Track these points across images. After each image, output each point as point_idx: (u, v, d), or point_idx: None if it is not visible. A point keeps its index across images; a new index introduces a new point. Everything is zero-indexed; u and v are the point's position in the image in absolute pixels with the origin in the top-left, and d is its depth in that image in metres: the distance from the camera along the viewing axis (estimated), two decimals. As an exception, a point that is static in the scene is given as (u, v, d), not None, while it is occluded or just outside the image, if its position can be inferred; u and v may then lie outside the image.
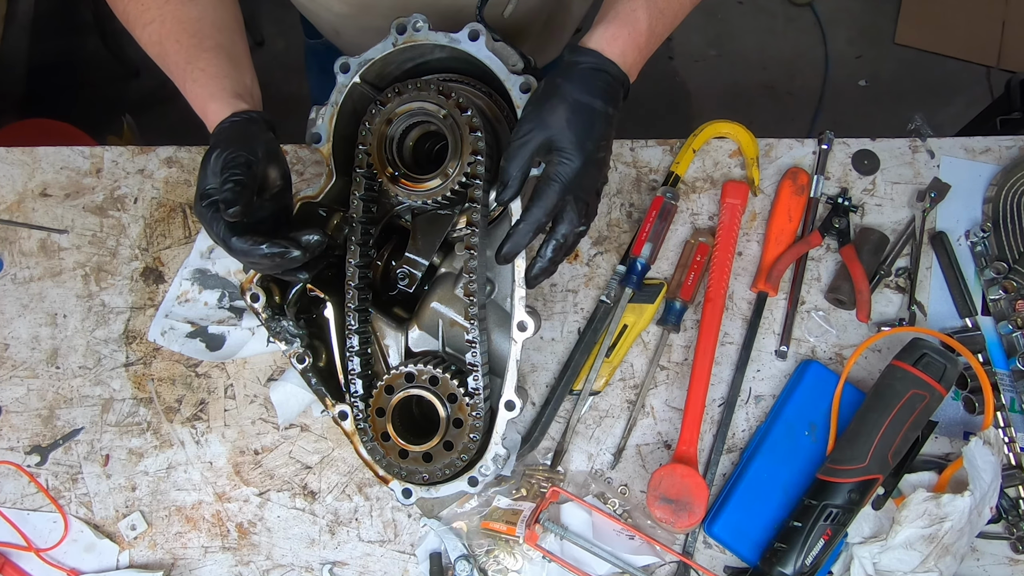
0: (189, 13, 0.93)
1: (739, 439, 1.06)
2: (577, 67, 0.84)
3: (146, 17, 0.94)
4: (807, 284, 1.11)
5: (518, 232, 0.84)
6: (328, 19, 1.12)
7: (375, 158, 0.89)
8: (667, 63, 2.64)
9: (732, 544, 1.00)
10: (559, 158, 0.82)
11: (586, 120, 0.83)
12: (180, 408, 1.12)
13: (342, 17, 1.10)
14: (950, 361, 0.95)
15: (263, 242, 0.81)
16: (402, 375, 0.90)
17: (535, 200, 0.83)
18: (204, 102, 0.90)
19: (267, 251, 0.81)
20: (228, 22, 0.97)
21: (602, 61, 0.84)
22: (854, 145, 1.16)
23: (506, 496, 1.03)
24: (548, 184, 0.83)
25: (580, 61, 0.84)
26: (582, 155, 0.82)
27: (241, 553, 1.06)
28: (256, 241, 0.81)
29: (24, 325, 1.16)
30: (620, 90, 0.86)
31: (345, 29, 1.12)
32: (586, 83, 0.83)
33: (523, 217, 0.84)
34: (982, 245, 1.09)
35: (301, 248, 0.82)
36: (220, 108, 0.88)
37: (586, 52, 0.84)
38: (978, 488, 0.93)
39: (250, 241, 0.81)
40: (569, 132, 0.82)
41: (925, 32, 2.61)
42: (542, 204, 0.83)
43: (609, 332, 1.08)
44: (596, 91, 0.83)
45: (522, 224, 0.84)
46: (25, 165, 1.22)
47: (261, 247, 0.81)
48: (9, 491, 1.10)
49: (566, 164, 0.82)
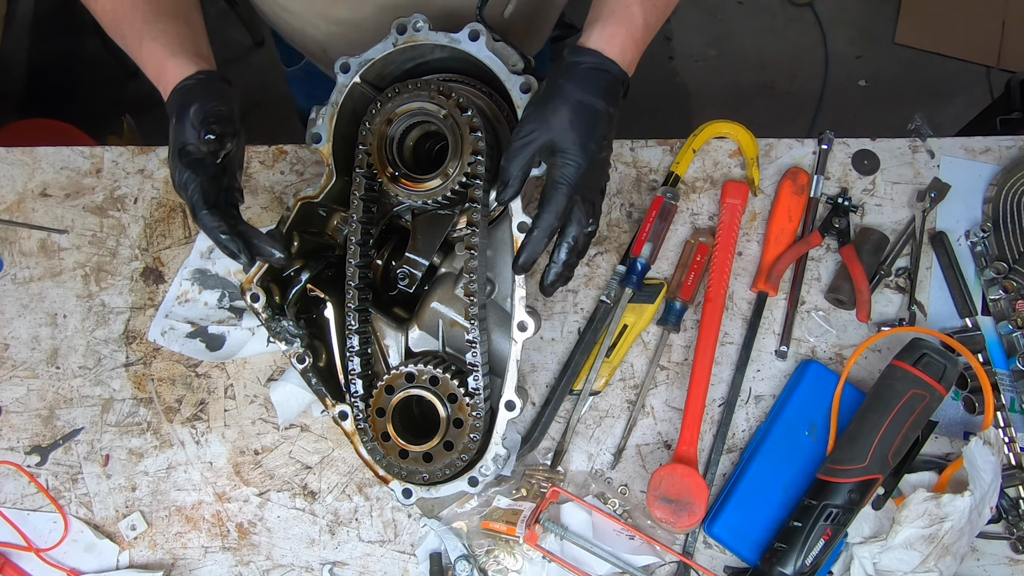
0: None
1: (739, 439, 1.06)
2: (578, 67, 0.84)
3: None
4: (807, 284, 1.11)
5: (533, 240, 0.84)
6: (315, 37, 1.12)
7: (375, 158, 0.89)
8: (667, 63, 2.64)
9: (732, 544, 1.00)
10: (563, 160, 0.82)
11: (589, 121, 0.83)
12: (180, 408, 1.11)
13: (331, 36, 1.10)
14: (950, 361, 0.95)
15: (226, 232, 0.83)
16: (402, 375, 0.90)
17: (544, 205, 0.83)
18: (163, 59, 0.89)
19: (224, 242, 0.84)
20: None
21: (602, 60, 0.84)
22: (854, 145, 1.16)
23: (506, 496, 1.03)
24: (555, 187, 0.83)
25: (581, 61, 0.84)
26: (586, 156, 0.82)
27: (241, 553, 1.06)
28: (221, 227, 0.83)
29: (24, 325, 1.16)
30: (620, 88, 0.86)
31: (333, 47, 1.11)
32: (587, 83, 0.83)
33: (535, 224, 0.83)
34: (982, 245, 1.09)
35: (251, 259, 0.85)
36: (182, 64, 0.87)
37: (586, 52, 0.85)
38: (978, 488, 0.93)
39: (216, 221, 0.83)
40: (572, 133, 0.82)
41: (925, 32, 2.61)
42: (552, 208, 0.83)
43: (609, 332, 1.08)
44: (598, 91, 0.83)
45: (536, 231, 0.83)
46: (25, 165, 1.22)
47: (222, 236, 0.83)
48: (9, 491, 1.10)
49: (571, 166, 0.82)
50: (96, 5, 0.95)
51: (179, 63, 0.87)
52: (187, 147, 0.82)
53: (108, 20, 0.95)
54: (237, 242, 0.84)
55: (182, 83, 0.86)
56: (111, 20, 0.95)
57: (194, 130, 0.82)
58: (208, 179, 0.83)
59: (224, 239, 0.83)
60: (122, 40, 0.95)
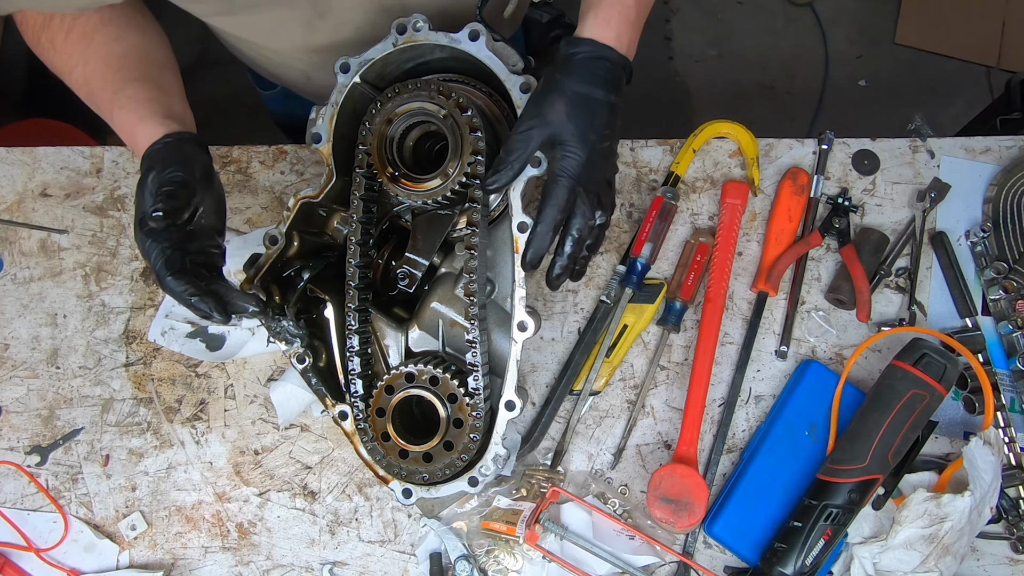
0: (113, 50, 0.94)
1: (739, 439, 1.06)
2: (574, 59, 0.83)
3: (71, 62, 0.94)
4: (807, 284, 1.11)
5: (537, 235, 0.84)
6: (299, 68, 1.12)
7: (375, 158, 0.89)
8: (667, 63, 2.64)
9: (732, 544, 1.00)
10: (563, 152, 0.82)
11: (587, 111, 0.82)
12: (180, 408, 1.11)
13: (314, 64, 1.10)
14: (950, 361, 0.95)
15: (195, 294, 0.81)
16: (402, 375, 0.90)
17: (546, 199, 0.83)
18: (133, 126, 0.89)
19: (195, 304, 0.81)
20: (155, 56, 0.97)
21: (598, 48, 0.83)
22: (854, 145, 1.16)
23: (506, 496, 1.03)
24: (556, 180, 0.82)
25: (576, 52, 0.84)
26: (586, 147, 0.82)
27: (241, 553, 1.06)
28: (189, 290, 0.81)
29: (24, 325, 1.16)
30: (621, 74, 0.85)
31: (317, 74, 1.12)
32: (584, 74, 0.83)
33: (538, 219, 0.83)
34: (982, 245, 1.09)
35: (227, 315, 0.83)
36: (151, 129, 0.87)
37: (582, 42, 0.84)
38: (978, 488, 0.93)
39: (184, 286, 0.81)
40: (571, 125, 0.82)
41: (925, 32, 2.61)
42: (554, 201, 0.82)
43: (609, 332, 1.08)
44: (595, 81, 0.83)
45: (539, 226, 0.83)
46: (25, 165, 1.22)
47: (191, 298, 0.81)
48: (9, 491, 1.10)
49: (571, 158, 0.82)
50: (70, 79, 0.96)
51: (147, 128, 0.88)
52: (145, 217, 0.82)
53: (83, 94, 0.96)
54: (208, 302, 0.82)
55: (148, 149, 0.86)
56: (86, 94, 0.96)
57: (151, 198, 0.82)
58: (171, 246, 0.82)
59: (194, 301, 0.81)
60: (98, 111, 0.96)
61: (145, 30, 0.98)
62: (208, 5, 0.94)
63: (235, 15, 0.97)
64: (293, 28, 1.00)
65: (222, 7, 0.94)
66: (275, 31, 1.01)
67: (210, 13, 0.97)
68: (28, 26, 0.96)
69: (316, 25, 1.00)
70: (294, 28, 1.00)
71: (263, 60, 1.15)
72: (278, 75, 1.21)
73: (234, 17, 0.97)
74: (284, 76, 1.20)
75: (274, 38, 1.04)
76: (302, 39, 1.03)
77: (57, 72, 0.98)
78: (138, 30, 0.97)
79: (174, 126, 0.88)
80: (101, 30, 0.94)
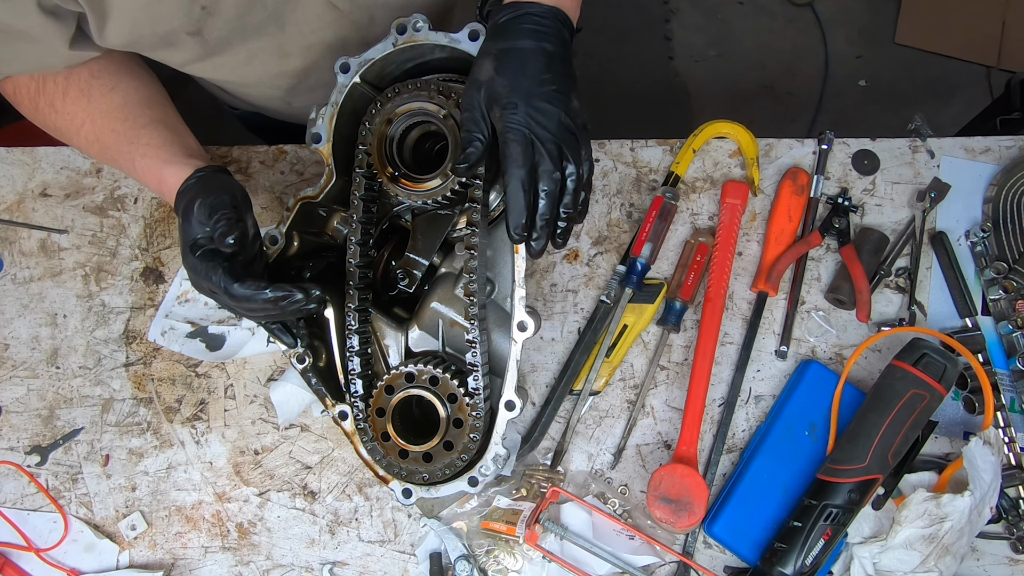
0: (113, 101, 0.94)
1: (739, 439, 1.06)
2: (497, 24, 0.84)
3: (76, 122, 0.95)
4: (807, 284, 1.11)
5: (509, 198, 0.80)
6: (278, 95, 1.12)
7: (375, 158, 0.89)
8: (667, 63, 2.64)
9: (732, 544, 1.00)
10: (502, 110, 0.80)
11: (514, 63, 0.81)
12: (180, 408, 1.12)
13: (292, 89, 1.10)
14: (950, 361, 0.95)
15: (266, 286, 0.81)
16: (402, 375, 0.90)
17: (503, 160, 0.81)
18: (159, 170, 0.90)
19: (271, 295, 0.81)
20: (154, 97, 0.98)
21: (519, 7, 0.82)
22: (854, 145, 1.16)
23: (506, 496, 1.03)
24: (504, 137, 0.80)
25: (499, 17, 0.84)
26: (522, 95, 0.80)
27: (241, 553, 1.06)
28: (259, 286, 0.81)
29: (24, 325, 1.16)
30: (553, 23, 0.83)
31: (296, 96, 1.12)
32: (506, 32, 0.82)
33: (505, 182, 0.80)
34: (982, 245, 1.09)
35: (304, 292, 0.82)
36: (179, 170, 0.88)
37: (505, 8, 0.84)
38: (978, 488, 0.93)
39: (252, 286, 0.80)
40: (500, 78, 0.81)
41: (925, 32, 2.61)
42: (510, 158, 0.80)
43: (609, 332, 1.08)
44: (520, 34, 0.82)
45: (507, 188, 0.80)
46: (25, 165, 1.22)
47: (265, 291, 0.80)
48: (9, 491, 1.10)
49: (509, 111, 0.80)
50: (79, 140, 0.96)
51: (174, 170, 0.89)
52: (197, 241, 0.82)
53: (96, 151, 0.97)
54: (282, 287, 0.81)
55: (183, 186, 0.87)
56: (98, 150, 0.96)
57: (201, 224, 0.82)
58: (227, 260, 0.82)
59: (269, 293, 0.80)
60: (115, 164, 0.96)
61: (136, 73, 0.99)
62: (182, 54, 0.94)
63: (209, 58, 0.97)
64: (266, 58, 1.01)
65: (196, 53, 0.94)
66: (249, 65, 1.02)
67: (186, 61, 0.97)
68: (22, 95, 0.97)
69: (288, 49, 1.00)
70: (267, 58, 1.01)
71: (243, 95, 1.17)
72: (259, 106, 1.22)
73: (209, 61, 0.98)
74: (266, 106, 1.21)
75: (250, 72, 1.05)
76: (276, 66, 1.04)
77: (62, 134, 0.99)
78: (129, 74, 0.98)
79: (199, 162, 0.90)
80: (96, 83, 0.95)
